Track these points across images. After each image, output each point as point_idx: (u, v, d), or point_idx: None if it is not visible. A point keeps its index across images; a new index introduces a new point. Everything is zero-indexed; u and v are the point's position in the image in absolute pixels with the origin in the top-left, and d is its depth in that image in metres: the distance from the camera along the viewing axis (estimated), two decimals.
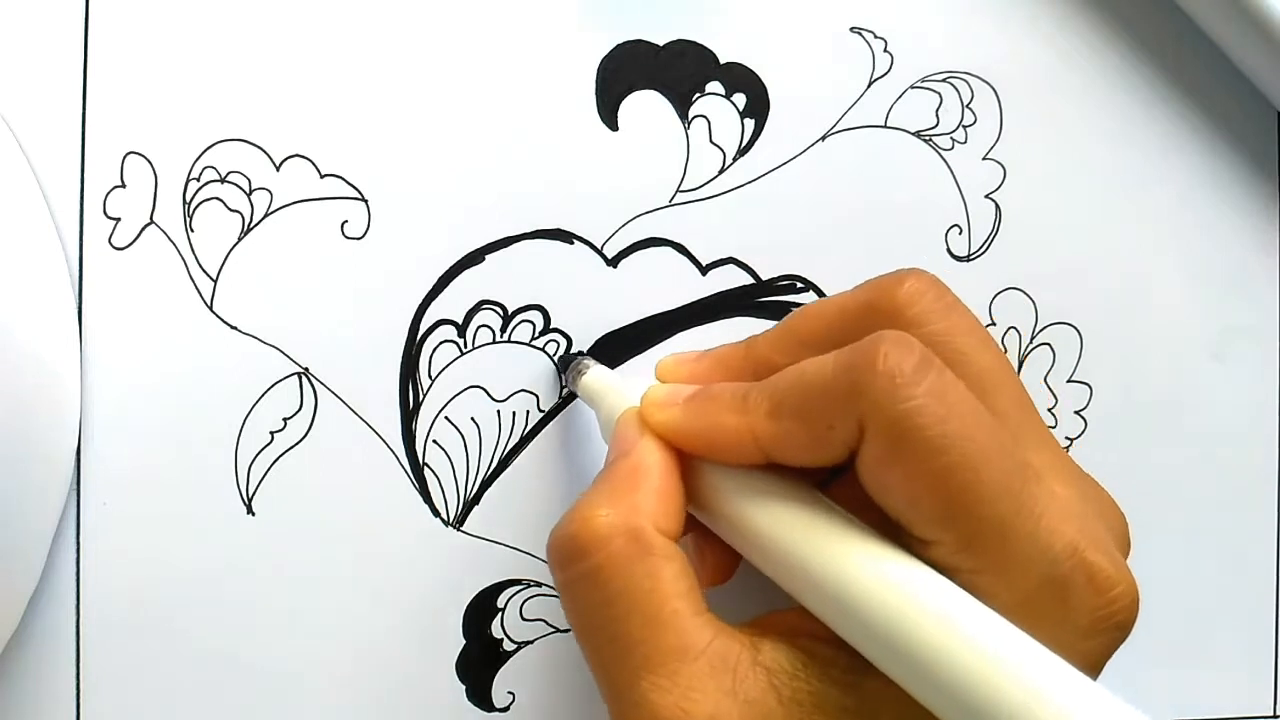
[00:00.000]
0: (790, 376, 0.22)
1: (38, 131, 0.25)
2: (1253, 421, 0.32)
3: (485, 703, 0.28)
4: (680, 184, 0.28)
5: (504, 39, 0.27)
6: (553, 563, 0.22)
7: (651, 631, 0.21)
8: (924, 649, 0.19)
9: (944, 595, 0.20)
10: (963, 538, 0.20)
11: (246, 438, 0.26)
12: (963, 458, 0.20)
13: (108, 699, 0.26)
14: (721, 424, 0.22)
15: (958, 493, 0.20)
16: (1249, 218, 0.32)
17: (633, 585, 0.21)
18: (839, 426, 0.21)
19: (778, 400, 0.22)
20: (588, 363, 0.27)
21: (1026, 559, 0.20)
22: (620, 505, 0.22)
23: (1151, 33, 0.31)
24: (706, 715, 0.20)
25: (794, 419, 0.21)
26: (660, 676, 0.20)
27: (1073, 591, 0.20)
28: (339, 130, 0.27)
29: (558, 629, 0.28)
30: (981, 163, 0.30)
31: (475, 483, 0.28)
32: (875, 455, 0.20)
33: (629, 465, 0.23)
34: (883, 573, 0.20)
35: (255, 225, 0.26)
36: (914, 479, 0.20)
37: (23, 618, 0.25)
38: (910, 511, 0.20)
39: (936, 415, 0.20)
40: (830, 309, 0.24)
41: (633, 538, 0.21)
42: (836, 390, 0.20)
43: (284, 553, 0.26)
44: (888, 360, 0.20)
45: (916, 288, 0.23)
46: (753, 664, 0.21)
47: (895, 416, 0.20)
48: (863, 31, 0.29)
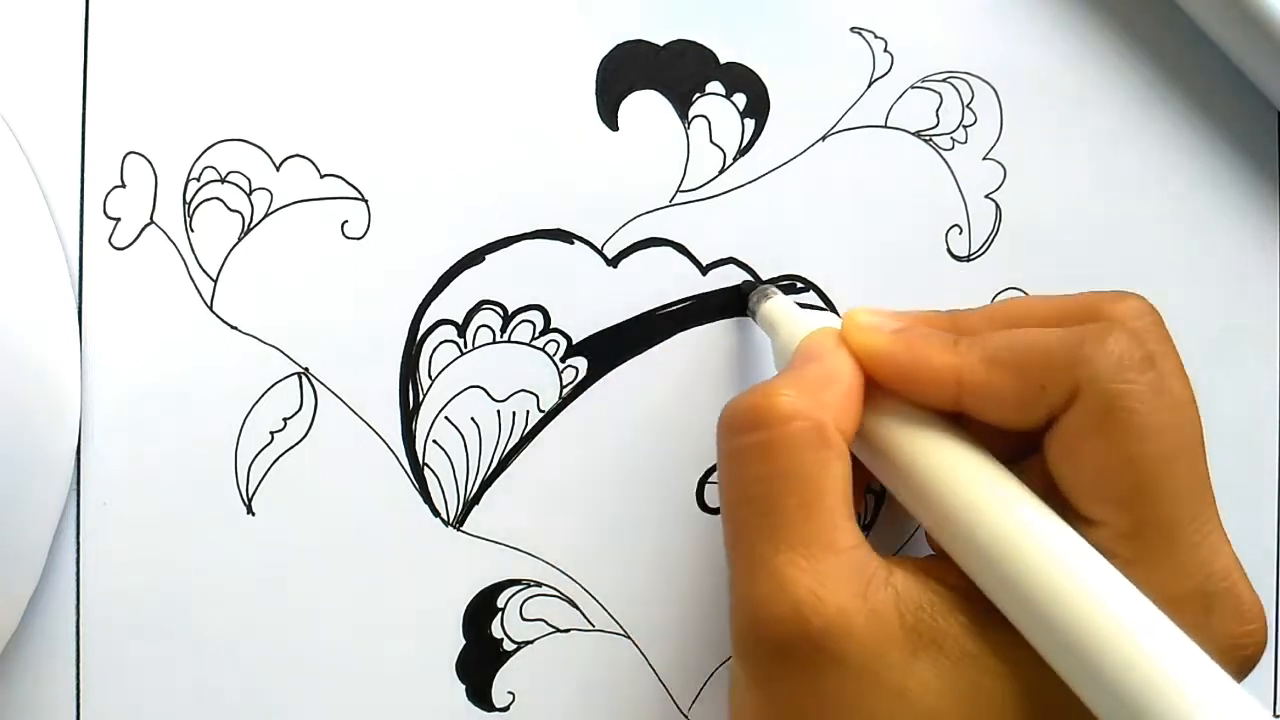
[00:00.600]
0: (1011, 335, 0.22)
1: (38, 131, 0.25)
2: (1253, 421, 0.32)
3: (485, 703, 0.28)
4: (680, 184, 0.28)
5: (504, 39, 0.27)
6: (724, 428, 0.23)
7: (807, 515, 0.21)
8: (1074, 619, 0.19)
9: (1100, 570, 0.20)
10: (1134, 525, 0.20)
11: (246, 438, 0.26)
12: (1161, 451, 0.20)
13: (108, 699, 0.26)
14: (930, 358, 0.23)
15: (1146, 480, 0.20)
16: (1249, 218, 0.32)
17: (802, 468, 0.21)
18: (1052, 388, 0.21)
19: (993, 350, 0.22)
20: (772, 290, 0.27)
21: (1185, 565, 0.21)
22: (808, 394, 0.22)
23: (1151, 33, 0.31)
24: (836, 607, 0.20)
25: (1010, 371, 0.22)
26: (801, 557, 0.21)
27: (1217, 611, 0.21)
28: (339, 130, 0.27)
29: (558, 629, 0.28)
30: (981, 163, 0.30)
31: (475, 483, 0.28)
32: (1080, 424, 0.21)
33: (822, 368, 0.23)
34: (1044, 536, 0.20)
35: (255, 225, 0.26)
36: (1111, 455, 0.21)
37: (23, 618, 0.25)
38: (1093, 487, 0.21)
39: (1151, 405, 0.20)
40: (1047, 303, 0.24)
41: (815, 425, 0.22)
42: (1061, 354, 0.21)
43: (284, 553, 0.26)
44: (1119, 343, 0.21)
45: (1140, 306, 0.23)
46: (885, 582, 0.21)
47: (1112, 393, 0.20)
48: (863, 31, 0.29)
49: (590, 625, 0.28)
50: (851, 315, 0.24)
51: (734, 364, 0.29)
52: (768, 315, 0.27)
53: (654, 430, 0.28)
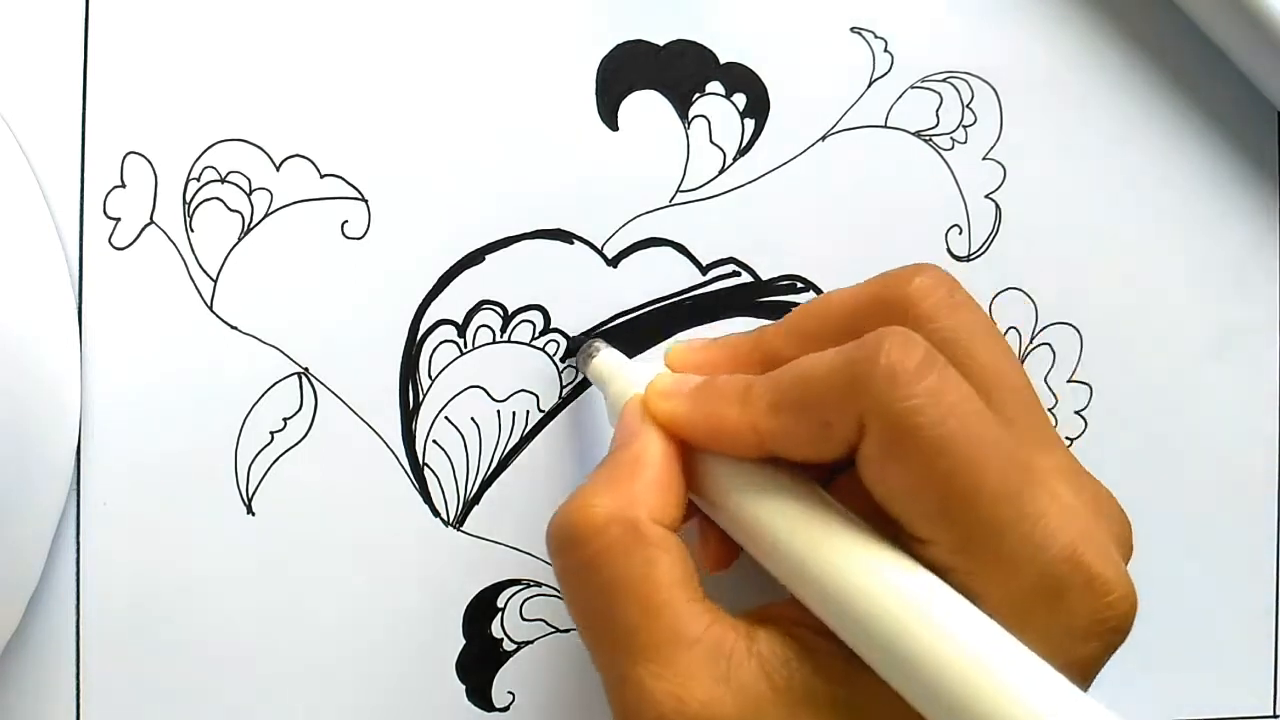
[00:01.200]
0: (792, 371, 0.22)
1: (38, 131, 0.25)
2: (1253, 421, 0.32)
3: (485, 703, 0.28)
4: (680, 184, 0.28)
5: (504, 39, 0.27)
6: (551, 549, 0.23)
7: (647, 619, 0.21)
8: (911, 650, 0.19)
9: (935, 597, 0.20)
10: (959, 538, 0.20)
11: (246, 438, 0.26)
12: (961, 459, 0.20)
13: (108, 699, 0.26)
14: (724, 417, 0.22)
15: (955, 494, 0.20)
16: (1249, 218, 0.32)
17: (628, 574, 0.21)
18: (838, 423, 0.20)
19: (779, 395, 0.22)
20: (598, 345, 0.27)
21: (1022, 561, 0.20)
22: (618, 495, 0.22)
23: (1151, 33, 0.31)
24: (700, 702, 0.20)
25: (794, 414, 0.21)
26: (655, 664, 0.21)
27: (1068, 595, 0.20)
28: (339, 130, 0.27)
29: (558, 629, 0.28)
30: (981, 163, 0.30)
31: (475, 483, 0.28)
32: (874, 453, 0.20)
33: (630, 455, 0.23)
34: (876, 572, 0.20)
35: (255, 225, 0.26)
36: (911, 478, 0.20)
37: (23, 618, 0.25)
38: (907, 510, 0.20)
39: (936, 415, 0.20)
40: (839, 302, 0.24)
41: (629, 527, 0.21)
42: (837, 386, 0.20)
43: (284, 553, 0.26)
44: (889, 357, 0.20)
45: (927, 283, 0.23)
46: (748, 652, 0.21)
47: (895, 415, 0.20)
48: (863, 31, 0.29)
49: None
50: (653, 385, 0.24)
51: None
52: (595, 372, 0.27)
53: None
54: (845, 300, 0.24)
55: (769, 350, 0.24)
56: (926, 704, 0.19)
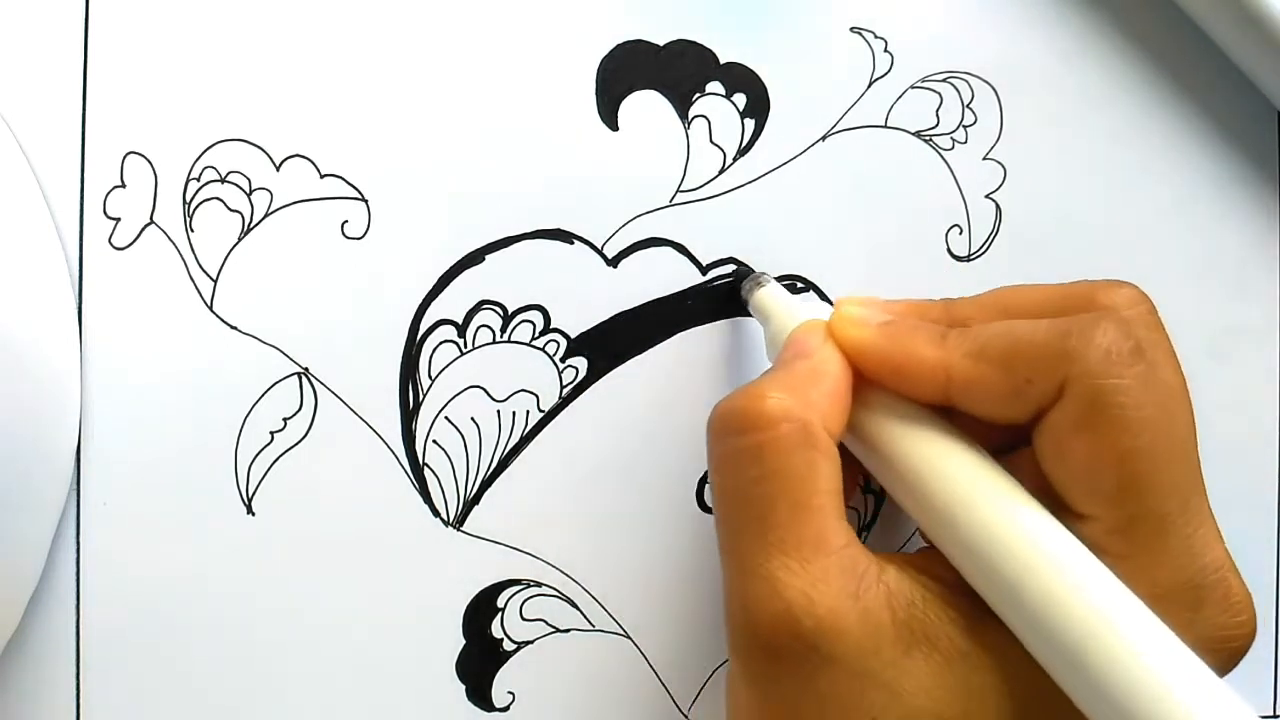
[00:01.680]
0: (999, 327, 0.22)
1: (38, 131, 0.25)
2: (1253, 421, 0.32)
3: (485, 703, 0.28)
4: (680, 184, 0.28)
5: (504, 39, 0.27)
6: (713, 432, 0.23)
7: (796, 517, 0.21)
8: (1062, 618, 0.19)
9: (1093, 571, 0.20)
10: (1124, 519, 0.21)
11: (246, 438, 0.26)
12: (1151, 445, 0.20)
13: (108, 699, 0.26)
14: (917, 352, 0.23)
15: (1136, 476, 0.20)
16: (1249, 218, 0.32)
17: (791, 469, 0.22)
18: (1039, 382, 0.21)
19: (982, 344, 0.22)
20: (767, 277, 0.27)
21: (1175, 558, 0.21)
22: (794, 395, 0.22)
23: (1151, 33, 0.31)
24: (828, 607, 0.21)
25: (996, 365, 0.22)
26: (793, 559, 0.21)
27: (1208, 604, 0.21)
28: (339, 130, 0.27)
29: (558, 629, 0.28)
30: (981, 163, 0.30)
31: (475, 483, 0.28)
32: (1069, 418, 0.21)
33: (808, 365, 0.23)
34: (1036, 535, 0.20)
35: (255, 225, 0.26)
36: (1100, 451, 0.21)
37: (23, 618, 0.25)
38: (1082, 482, 0.21)
39: (1139, 399, 0.20)
40: (1041, 291, 0.24)
41: (801, 426, 0.22)
42: (1049, 348, 0.21)
43: (284, 553, 0.26)
44: (1106, 335, 0.21)
45: (1133, 295, 0.23)
46: (877, 579, 0.21)
47: (1101, 388, 0.20)
48: (863, 31, 0.29)
49: (590, 625, 0.28)
50: (840, 307, 0.24)
51: (734, 364, 0.29)
52: (760, 304, 0.27)
53: (654, 430, 0.28)
54: (1048, 292, 0.24)
55: (960, 316, 0.24)
56: (1069, 675, 0.19)
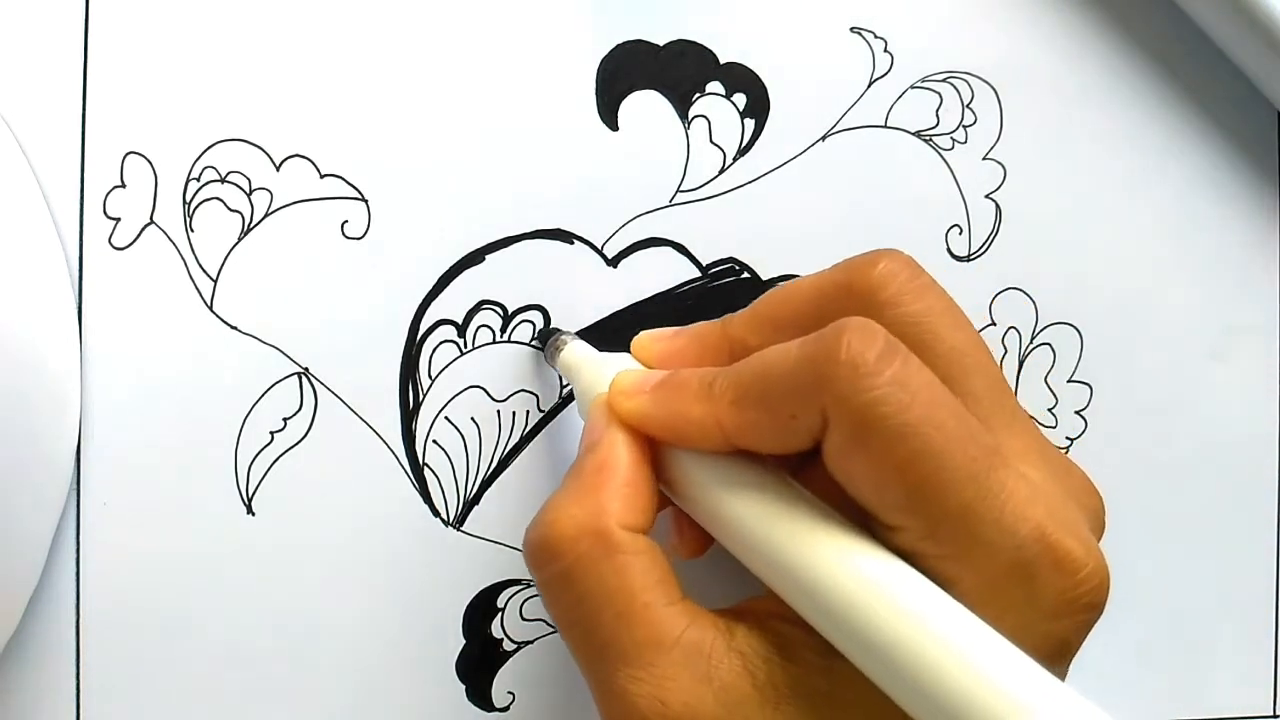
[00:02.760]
0: (754, 365, 0.22)
1: (38, 131, 0.25)
2: (1253, 421, 0.32)
3: (485, 703, 0.28)
4: (680, 184, 0.28)
5: (504, 39, 0.27)
6: (528, 564, 0.23)
7: (624, 626, 0.21)
8: (884, 638, 0.19)
9: (906, 585, 0.20)
10: (927, 524, 0.20)
11: (246, 438, 0.26)
12: (925, 446, 0.20)
13: (108, 699, 0.26)
14: (688, 413, 0.22)
15: (920, 481, 0.20)
16: (1249, 218, 0.32)
17: (602, 584, 0.21)
18: (802, 416, 0.21)
19: (742, 389, 0.22)
20: (567, 338, 0.27)
21: (990, 544, 0.20)
22: (585, 505, 0.22)
23: (1151, 33, 0.31)
24: (682, 703, 0.20)
25: (758, 408, 0.21)
26: (635, 669, 0.21)
27: (1038, 575, 0.20)
28: (339, 130, 0.27)
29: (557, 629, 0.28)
30: (981, 163, 0.30)
31: (475, 483, 0.28)
32: (839, 444, 0.20)
33: (596, 461, 0.23)
34: (847, 561, 0.20)
35: (255, 225, 0.26)
36: (877, 467, 0.20)
37: (23, 618, 0.25)
38: (875, 499, 0.20)
39: (899, 404, 0.20)
40: (803, 290, 0.24)
41: (598, 538, 0.22)
42: (799, 380, 0.20)
43: (284, 553, 0.26)
44: (850, 349, 0.20)
45: (890, 268, 0.23)
46: (727, 650, 0.21)
47: (857, 406, 0.20)
48: (863, 31, 0.29)
49: None
50: (615, 383, 0.24)
51: None
52: (564, 366, 0.26)
53: None
54: (810, 287, 0.23)
55: (735, 339, 0.24)
56: (901, 692, 0.19)
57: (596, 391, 0.24)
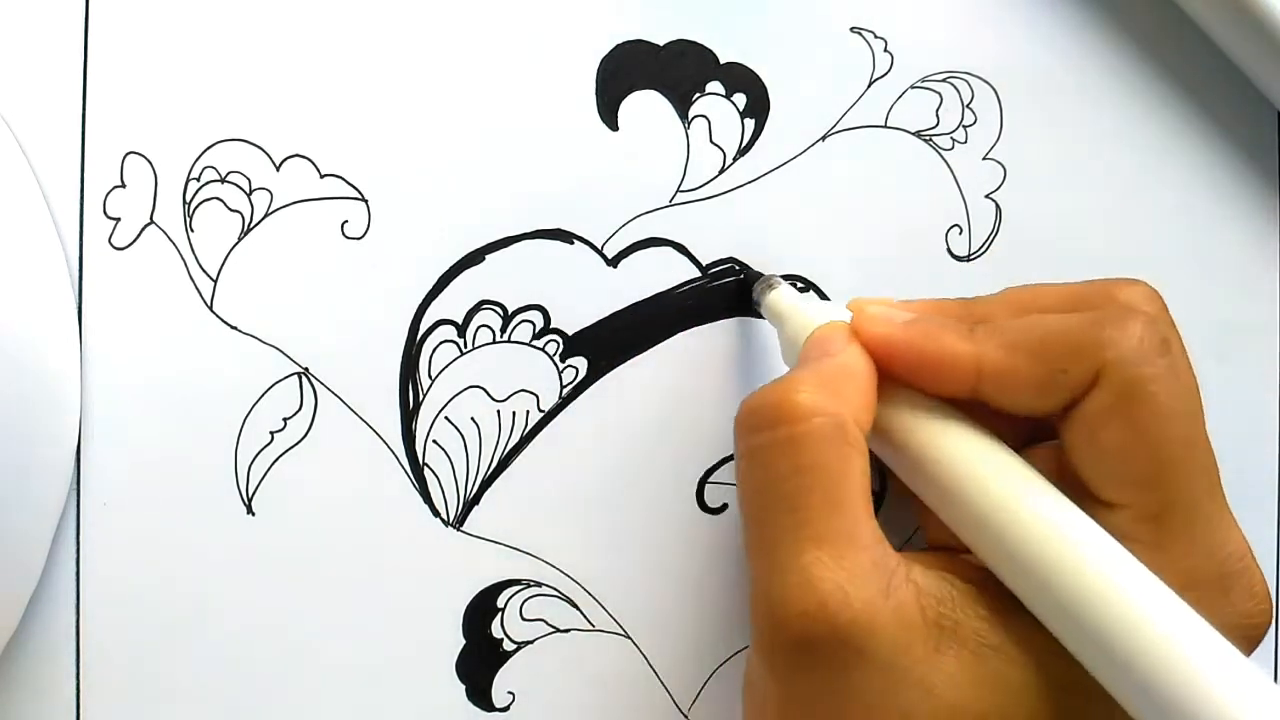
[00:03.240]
0: (1029, 320, 0.22)
1: (38, 131, 0.25)
2: (1253, 421, 0.32)
3: (485, 703, 0.28)
4: (680, 184, 0.28)
5: (504, 38, 0.27)
6: (744, 425, 0.23)
7: (831, 511, 0.21)
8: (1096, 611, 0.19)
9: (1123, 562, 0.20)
10: (1156, 507, 0.21)
11: (246, 438, 0.26)
12: (1184, 433, 0.21)
13: (108, 699, 0.26)
14: (946, 346, 0.23)
15: (1168, 462, 0.21)
16: (1249, 218, 0.32)
17: (825, 463, 0.21)
18: (1074, 372, 0.21)
19: (1013, 336, 0.22)
20: (778, 280, 0.27)
21: (1204, 544, 0.21)
22: (827, 391, 0.22)
23: (1151, 33, 0.31)
24: (864, 602, 0.21)
25: (1031, 356, 0.22)
26: (827, 554, 0.21)
27: (1234, 590, 0.21)
28: (339, 130, 0.27)
29: (558, 629, 0.28)
30: (981, 163, 0.30)
31: (475, 483, 0.28)
32: (1102, 407, 0.21)
33: (836, 363, 0.23)
34: (1067, 528, 0.20)
35: (255, 225, 0.26)
36: (1134, 437, 0.21)
37: (23, 618, 0.25)
38: (1114, 469, 0.21)
39: (1170, 389, 0.21)
40: (1058, 289, 0.24)
41: (835, 421, 0.22)
42: (1083, 338, 0.21)
43: (284, 553, 0.26)
44: (1139, 327, 0.21)
45: (1149, 292, 0.24)
46: (906, 578, 0.21)
47: (1136, 376, 0.21)
48: (863, 31, 0.29)
49: (590, 625, 0.28)
50: (861, 307, 0.24)
51: (734, 363, 0.29)
52: (773, 306, 0.27)
53: (654, 430, 0.28)
54: (1065, 290, 0.24)
55: (979, 313, 0.24)
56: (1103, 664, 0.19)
57: (814, 326, 0.24)
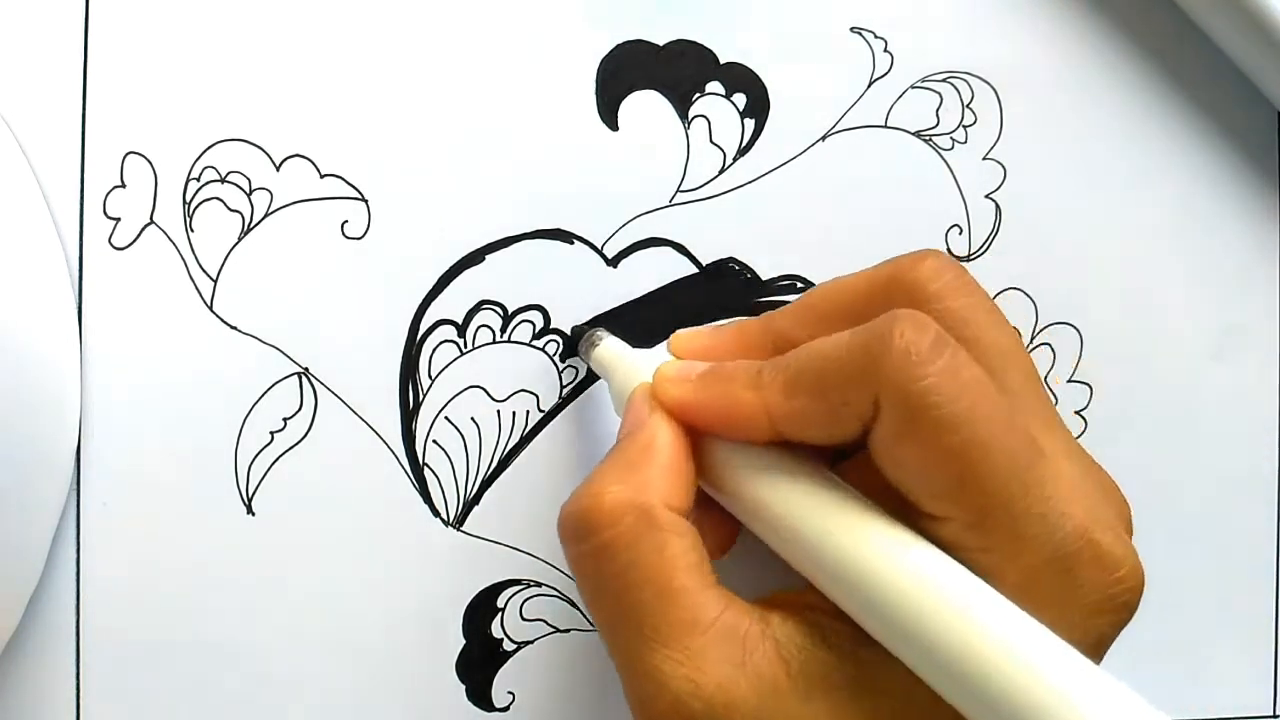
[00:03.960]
0: (805, 353, 0.22)
1: (38, 131, 0.25)
2: (1253, 421, 0.32)
3: (485, 703, 0.28)
4: (680, 184, 0.28)
5: (504, 39, 0.27)
6: (564, 538, 0.23)
7: (661, 604, 0.21)
8: (930, 630, 0.19)
9: (949, 576, 0.20)
10: (972, 514, 0.20)
11: (246, 438, 0.26)
12: (974, 435, 0.20)
13: (108, 699, 0.26)
14: (736, 399, 0.22)
15: (968, 470, 0.20)
16: (1249, 218, 0.32)
17: (642, 560, 0.21)
18: (854, 402, 0.21)
19: (793, 376, 0.22)
20: (601, 334, 0.27)
21: (1034, 538, 0.20)
22: (630, 481, 0.22)
23: (1151, 33, 0.31)
24: (715, 685, 0.20)
25: (809, 395, 0.21)
26: (670, 649, 0.21)
27: (1080, 571, 0.20)
28: (339, 130, 0.27)
29: (557, 629, 0.28)
30: (981, 163, 0.30)
31: (475, 483, 0.28)
32: (889, 431, 0.20)
33: (640, 441, 0.23)
34: (890, 552, 0.20)
35: (255, 225, 0.26)
36: (926, 455, 0.20)
37: (23, 618, 0.25)
38: (921, 487, 0.21)
39: (950, 393, 0.20)
40: (849, 285, 0.24)
41: (642, 513, 0.22)
42: (852, 367, 0.21)
43: (284, 553, 0.26)
44: (904, 338, 0.20)
45: (936, 265, 0.23)
46: (761, 636, 0.21)
47: (910, 394, 0.20)
48: (863, 31, 0.29)
49: (590, 625, 0.28)
50: (660, 371, 0.24)
51: None
52: (599, 361, 0.27)
53: None
54: (856, 283, 0.24)
55: (778, 333, 0.24)
56: (945, 683, 0.19)
57: (635, 382, 0.24)
